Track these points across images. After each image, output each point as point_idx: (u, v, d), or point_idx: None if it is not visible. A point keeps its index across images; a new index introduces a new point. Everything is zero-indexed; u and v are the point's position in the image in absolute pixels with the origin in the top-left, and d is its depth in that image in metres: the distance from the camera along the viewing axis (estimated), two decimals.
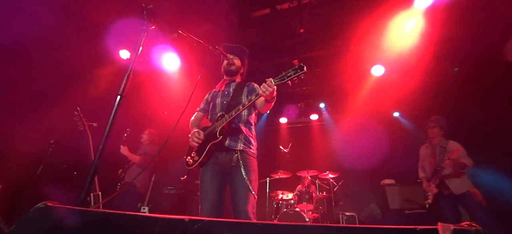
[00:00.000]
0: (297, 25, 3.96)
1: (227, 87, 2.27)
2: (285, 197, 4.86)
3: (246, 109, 2.08)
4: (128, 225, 0.76)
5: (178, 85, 5.20)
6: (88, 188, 1.34)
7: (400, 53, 4.14)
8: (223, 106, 2.12)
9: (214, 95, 2.29)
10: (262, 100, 1.92)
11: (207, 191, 1.88)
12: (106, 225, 0.78)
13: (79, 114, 2.83)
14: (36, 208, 0.90)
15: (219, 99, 2.19)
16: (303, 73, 1.63)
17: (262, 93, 1.72)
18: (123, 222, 0.77)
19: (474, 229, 0.59)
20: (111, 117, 1.45)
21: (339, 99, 6.20)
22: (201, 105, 2.38)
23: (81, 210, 0.86)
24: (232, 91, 2.20)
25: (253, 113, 2.22)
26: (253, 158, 2.01)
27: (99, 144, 1.42)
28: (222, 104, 2.14)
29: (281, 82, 1.69)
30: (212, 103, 2.25)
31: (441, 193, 3.28)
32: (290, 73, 1.66)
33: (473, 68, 4.72)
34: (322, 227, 0.64)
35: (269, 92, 1.69)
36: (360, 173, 6.03)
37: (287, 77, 1.67)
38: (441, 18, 3.68)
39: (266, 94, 1.70)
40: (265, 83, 1.71)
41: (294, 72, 1.65)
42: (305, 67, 1.64)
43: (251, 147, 2.05)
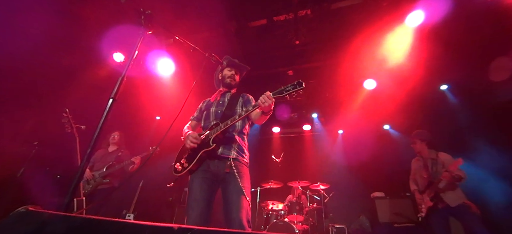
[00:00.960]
0: (293, 37, 4.03)
1: (222, 98, 2.29)
2: (275, 207, 4.79)
3: (241, 119, 2.08)
4: (114, 232, 0.73)
5: (172, 91, 5.16)
6: (72, 192, 1.29)
7: (391, 68, 4.27)
8: (217, 116, 2.12)
9: (208, 104, 2.31)
10: (259, 113, 1.94)
11: (195, 200, 1.84)
12: (91, 232, 0.75)
13: (67, 116, 2.75)
14: (17, 212, 0.86)
15: (214, 108, 2.20)
16: (301, 89, 1.69)
17: (261, 104, 1.74)
18: (109, 229, 0.74)
19: None
20: (101, 120, 1.42)
21: (332, 111, 6.29)
22: (195, 114, 2.38)
23: (65, 215, 0.82)
24: (227, 101, 2.22)
25: (247, 124, 2.24)
26: (246, 167, 2.01)
27: (87, 147, 1.37)
28: (217, 114, 2.14)
29: (279, 95, 1.74)
30: (205, 112, 2.26)
31: (435, 206, 3.23)
32: (289, 88, 1.72)
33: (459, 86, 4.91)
34: None
35: (267, 104, 1.73)
36: (351, 185, 6.07)
37: (285, 92, 1.73)
38: (430, 37, 3.84)
39: (264, 105, 1.73)
40: (264, 95, 1.74)
41: (293, 88, 1.71)
42: (303, 84, 1.70)
43: (243, 156, 2.05)
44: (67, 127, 2.73)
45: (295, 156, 6.87)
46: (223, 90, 2.35)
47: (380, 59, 4.22)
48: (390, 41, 3.90)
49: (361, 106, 5.55)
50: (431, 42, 3.89)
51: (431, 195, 3.28)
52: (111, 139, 3.99)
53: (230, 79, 2.31)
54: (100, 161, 3.73)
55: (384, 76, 4.58)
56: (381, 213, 5.18)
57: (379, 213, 5.17)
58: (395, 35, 3.82)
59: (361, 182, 6.01)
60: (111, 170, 3.60)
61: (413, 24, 3.66)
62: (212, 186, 1.91)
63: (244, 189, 1.82)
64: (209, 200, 1.87)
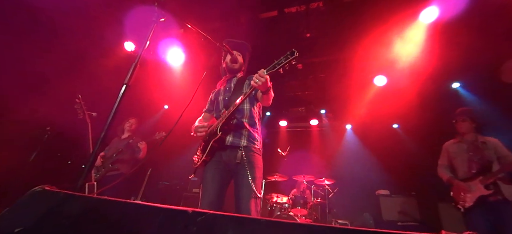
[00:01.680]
0: (304, 30, 3.97)
1: (228, 83, 2.23)
2: (279, 200, 4.83)
3: (248, 103, 2.07)
4: (129, 214, 0.75)
5: (181, 81, 5.18)
6: (85, 175, 1.32)
7: (403, 65, 4.17)
8: (225, 103, 2.08)
9: (216, 93, 2.26)
10: (260, 93, 1.89)
11: (206, 190, 1.84)
12: (106, 213, 0.76)
13: (80, 102, 2.80)
14: (33, 191, 0.88)
15: (221, 96, 2.16)
16: (294, 58, 1.62)
17: (254, 84, 1.69)
18: (124, 210, 0.76)
19: None
20: (115, 105, 1.44)
21: (340, 107, 6.22)
22: (206, 107, 2.36)
23: (80, 196, 0.84)
24: (233, 87, 2.17)
25: (256, 106, 2.16)
26: (257, 155, 1.95)
27: (101, 132, 1.40)
28: (224, 101, 2.11)
29: (272, 71, 1.67)
30: (215, 101, 2.23)
31: (486, 198, 2.60)
32: (281, 61, 1.65)
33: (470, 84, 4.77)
34: (328, 228, 0.63)
35: (261, 82, 1.66)
36: (356, 181, 6.04)
37: (278, 65, 1.65)
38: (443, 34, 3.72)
39: (258, 84, 1.68)
40: (257, 74, 1.68)
41: (285, 59, 1.64)
42: (296, 53, 1.63)
43: (255, 143, 1.98)
44: (79, 112, 2.78)
45: (301, 150, 6.85)
46: (229, 76, 2.29)
47: (392, 56, 4.11)
48: (403, 37, 3.79)
49: (370, 103, 5.46)
50: (444, 40, 3.77)
51: (487, 182, 2.63)
52: (127, 126, 3.98)
53: (233, 63, 2.24)
54: (112, 147, 3.76)
55: (395, 73, 4.48)
56: (385, 210, 5.16)
57: (383, 210, 5.16)
58: (408, 31, 3.71)
59: (366, 179, 5.98)
60: (120, 156, 3.62)
61: (427, 21, 3.55)
62: (225, 177, 1.90)
63: (255, 179, 1.79)
64: (220, 191, 1.86)
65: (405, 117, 5.51)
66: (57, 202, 0.80)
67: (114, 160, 3.60)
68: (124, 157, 3.67)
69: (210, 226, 0.68)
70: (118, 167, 3.60)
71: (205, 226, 0.67)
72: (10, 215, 0.76)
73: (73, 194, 0.84)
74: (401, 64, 4.19)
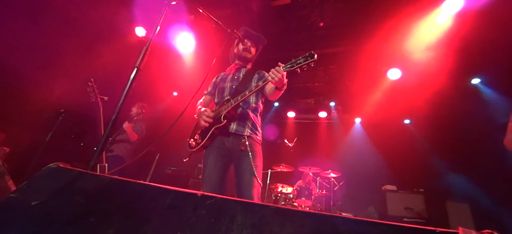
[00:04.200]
0: (317, 18, 3.85)
1: (237, 72, 2.23)
2: (284, 190, 4.86)
3: (254, 95, 2.07)
4: (140, 194, 0.76)
5: (191, 68, 5.19)
6: (98, 155, 1.35)
7: (420, 59, 4.00)
8: (231, 91, 2.08)
9: (223, 78, 2.25)
10: (272, 87, 1.86)
11: (209, 175, 1.87)
12: (118, 191, 0.78)
13: (92, 85, 2.86)
14: (48, 167, 0.91)
15: (229, 83, 2.15)
16: (313, 61, 1.56)
17: (271, 79, 1.66)
18: (135, 190, 0.77)
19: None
20: (126, 88, 1.45)
21: (350, 100, 6.10)
22: (208, 89, 2.33)
23: (94, 174, 0.86)
24: (241, 77, 2.16)
25: (261, 101, 2.18)
26: (259, 145, 2.00)
27: (113, 114, 1.42)
28: (231, 89, 2.10)
29: (290, 69, 1.63)
30: (219, 86, 2.21)
31: None
32: (300, 60, 1.60)
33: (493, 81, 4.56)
34: (338, 218, 0.62)
35: (278, 78, 1.63)
36: (362, 175, 6.00)
37: (296, 64, 1.60)
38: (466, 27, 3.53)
39: (275, 80, 1.65)
40: (274, 69, 1.65)
41: (304, 60, 1.58)
42: (315, 56, 1.57)
43: (257, 133, 2.03)
44: (91, 96, 2.84)
45: (308, 142, 6.82)
46: (238, 64, 2.27)
47: (408, 48, 3.95)
48: (422, 29, 3.62)
49: (382, 96, 5.32)
50: (466, 32, 3.58)
51: None
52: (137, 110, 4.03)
53: (245, 52, 2.21)
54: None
55: (411, 67, 4.31)
56: (391, 206, 5.11)
57: (389, 206, 5.11)
58: (427, 22, 3.53)
59: (373, 174, 5.92)
60: (117, 137, 3.73)
61: (450, 11, 3.36)
62: (226, 162, 1.93)
63: (256, 168, 1.83)
64: (223, 177, 1.90)
65: (418, 112, 5.37)
66: (71, 179, 0.82)
67: (111, 141, 3.71)
68: (120, 138, 3.76)
69: (218, 210, 0.68)
70: (112, 148, 3.69)
71: (214, 210, 0.68)
72: (27, 188, 0.79)
73: (86, 172, 0.86)
74: (418, 57, 4.03)
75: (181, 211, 0.69)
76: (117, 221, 0.69)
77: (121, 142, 3.78)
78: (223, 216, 0.66)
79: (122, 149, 3.77)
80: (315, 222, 0.64)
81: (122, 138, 3.79)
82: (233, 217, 0.66)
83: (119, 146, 3.76)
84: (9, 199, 0.76)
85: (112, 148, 3.69)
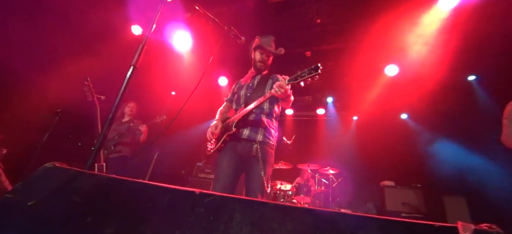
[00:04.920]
0: (314, 15, 3.83)
1: (252, 80, 2.31)
2: (283, 187, 4.87)
3: (268, 102, 2.14)
4: (138, 193, 0.76)
5: (188, 67, 5.15)
6: (95, 155, 1.34)
7: (417, 55, 4.01)
8: (246, 99, 2.17)
9: (239, 86, 2.34)
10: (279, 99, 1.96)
11: (222, 172, 1.95)
12: (116, 191, 0.77)
13: (88, 85, 2.84)
14: (44, 167, 0.90)
15: (243, 91, 2.24)
16: (317, 74, 1.65)
17: (274, 93, 1.76)
18: (133, 189, 0.77)
19: (495, 231, 0.57)
20: (122, 87, 1.44)
21: (348, 96, 6.12)
22: (229, 96, 2.45)
23: (91, 173, 0.85)
24: (256, 84, 2.25)
25: (276, 106, 2.24)
26: (271, 150, 2.06)
27: (109, 113, 1.41)
28: (246, 96, 2.19)
29: (294, 82, 1.73)
30: (236, 95, 2.31)
31: None
32: (304, 74, 1.69)
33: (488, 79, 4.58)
34: (338, 213, 0.62)
35: (280, 93, 1.74)
36: (361, 172, 6.03)
37: (300, 78, 1.70)
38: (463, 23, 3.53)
39: (278, 94, 1.75)
40: (278, 83, 1.75)
41: (308, 73, 1.67)
42: (320, 69, 1.65)
43: (270, 138, 2.09)
44: (88, 95, 2.82)
45: (306, 139, 6.83)
46: (254, 72, 2.35)
47: (405, 44, 3.95)
48: (418, 25, 3.63)
49: (380, 92, 5.34)
50: (463, 28, 3.59)
51: None
52: (127, 110, 4.05)
53: (260, 64, 2.29)
54: (114, 131, 3.82)
55: (408, 63, 4.32)
56: (389, 201, 5.15)
57: (387, 201, 5.15)
58: (424, 19, 3.54)
59: (371, 170, 5.96)
60: (122, 139, 3.70)
61: (446, 7, 3.37)
62: (238, 165, 2.00)
63: (264, 175, 1.90)
64: (235, 178, 1.97)
65: (415, 108, 5.40)
66: (68, 179, 0.81)
67: (116, 142, 3.69)
68: (126, 140, 3.76)
69: (217, 208, 0.68)
70: (120, 149, 3.69)
71: (212, 207, 0.68)
72: (23, 188, 0.78)
73: (83, 171, 0.85)
74: (415, 54, 4.04)
75: (180, 210, 0.69)
76: (115, 220, 0.68)
77: (128, 143, 3.79)
78: (221, 214, 0.66)
79: (128, 149, 3.79)
80: (315, 218, 0.64)
81: (129, 140, 3.79)
82: (231, 215, 0.65)
83: (126, 147, 3.77)
84: (4, 200, 0.75)
85: (119, 148, 3.70)
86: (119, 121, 4.01)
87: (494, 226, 0.59)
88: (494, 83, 4.59)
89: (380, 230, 0.59)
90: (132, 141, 3.82)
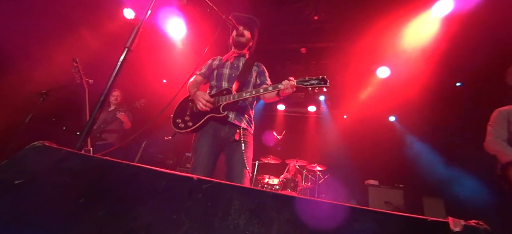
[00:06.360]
0: (312, 12, 3.84)
1: (236, 60, 2.20)
2: (270, 181, 4.93)
3: (251, 90, 2.03)
4: (133, 176, 0.74)
5: (181, 55, 5.05)
6: (85, 138, 1.29)
7: (408, 58, 4.11)
8: (231, 79, 2.07)
9: (220, 64, 2.20)
10: (273, 94, 1.91)
11: (201, 162, 1.84)
12: (109, 173, 0.75)
13: (77, 66, 2.72)
14: (32, 146, 0.85)
15: (227, 70, 2.12)
16: (324, 86, 1.69)
17: (283, 88, 1.75)
18: (127, 172, 0.74)
19: (482, 227, 0.60)
20: (116, 69, 1.39)
21: (340, 95, 6.21)
22: (202, 70, 2.26)
23: (83, 155, 0.82)
24: (241, 66, 2.15)
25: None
26: (252, 137, 2.04)
27: (100, 95, 1.36)
28: (230, 76, 2.08)
29: (302, 85, 1.74)
30: (217, 71, 2.16)
31: None
32: (313, 81, 1.71)
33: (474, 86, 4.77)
34: (337, 205, 0.63)
35: (288, 91, 1.76)
36: (347, 170, 6.17)
37: (309, 84, 1.73)
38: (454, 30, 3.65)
39: (285, 92, 1.76)
40: (288, 82, 1.74)
41: (317, 82, 1.70)
42: (328, 82, 1.70)
43: (251, 126, 2.08)
44: (76, 77, 2.71)
45: (296, 135, 6.91)
46: (236, 52, 2.24)
47: (398, 48, 4.04)
48: (412, 29, 3.71)
49: (371, 93, 5.46)
50: (454, 35, 3.70)
51: None
52: (113, 99, 4.04)
53: (239, 37, 2.19)
54: (100, 119, 3.79)
55: (399, 66, 4.43)
56: (372, 200, 5.30)
57: (371, 200, 5.30)
58: (418, 23, 3.63)
59: (357, 169, 6.10)
60: (107, 126, 3.72)
61: (439, 14, 3.46)
62: (217, 150, 1.93)
63: (247, 159, 1.87)
64: (214, 164, 1.90)
65: (403, 111, 5.56)
66: (58, 158, 0.78)
67: (101, 130, 3.69)
68: (111, 128, 3.77)
69: (215, 194, 0.67)
70: (105, 137, 3.70)
71: (210, 194, 0.67)
72: (8, 166, 0.74)
73: (74, 152, 0.82)
74: (407, 57, 4.14)
75: (177, 195, 0.68)
76: (108, 202, 0.66)
77: (114, 130, 3.78)
78: (220, 201, 0.65)
79: (114, 137, 3.79)
80: (312, 208, 0.64)
81: (114, 127, 3.79)
82: (230, 201, 0.65)
83: (112, 134, 3.77)
84: None
85: (104, 136, 3.69)
86: (105, 110, 3.97)
87: (481, 222, 0.62)
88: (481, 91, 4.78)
89: (377, 222, 0.61)
90: (118, 128, 3.83)
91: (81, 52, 4.16)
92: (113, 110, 3.95)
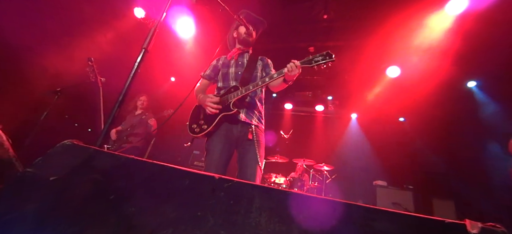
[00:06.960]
0: (321, 10, 3.82)
1: (240, 57, 2.19)
2: (277, 180, 4.94)
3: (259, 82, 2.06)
4: (158, 173, 0.78)
5: (190, 54, 5.10)
6: (105, 135, 1.34)
7: (420, 58, 4.05)
8: (237, 76, 2.06)
9: (225, 63, 2.20)
10: (280, 80, 1.86)
11: (215, 161, 1.85)
12: (135, 171, 0.79)
13: (92, 65, 2.80)
14: (63, 144, 0.91)
15: (233, 69, 2.11)
16: (332, 61, 1.62)
17: (288, 72, 1.69)
18: (152, 170, 0.78)
19: (500, 230, 0.61)
20: (133, 70, 1.43)
21: (348, 95, 6.16)
22: (207, 71, 2.25)
23: (110, 153, 0.87)
24: (246, 62, 2.13)
25: (264, 89, 2.19)
26: (263, 134, 2.02)
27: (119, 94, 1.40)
28: (237, 74, 2.07)
29: (308, 65, 1.67)
30: (222, 71, 2.16)
31: None
32: (318, 58, 1.64)
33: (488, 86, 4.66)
34: (352, 204, 0.66)
35: (294, 73, 1.69)
36: (355, 170, 6.14)
37: (314, 62, 1.65)
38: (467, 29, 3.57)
39: (291, 74, 1.69)
40: (292, 63, 1.68)
41: (322, 58, 1.63)
42: (334, 56, 1.62)
43: (262, 123, 2.06)
44: (91, 75, 2.79)
45: (304, 134, 6.90)
46: (240, 49, 2.21)
47: (409, 47, 3.98)
48: (424, 28, 3.64)
49: (380, 93, 5.40)
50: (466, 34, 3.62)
51: None
52: (139, 103, 4.19)
53: (246, 35, 2.16)
54: (127, 123, 3.99)
55: (410, 65, 4.36)
56: (380, 201, 5.26)
57: (379, 200, 5.26)
58: (430, 22, 3.56)
59: (365, 169, 6.07)
60: (134, 130, 3.85)
61: (453, 12, 3.38)
62: (231, 149, 1.93)
63: (260, 158, 1.87)
64: (227, 164, 1.91)
65: (413, 111, 5.47)
66: (88, 157, 0.83)
67: (128, 134, 3.83)
68: (137, 131, 3.91)
69: (236, 193, 0.70)
70: (131, 140, 3.84)
71: (232, 192, 0.70)
72: (43, 164, 0.80)
73: (102, 150, 0.87)
74: (418, 57, 4.08)
75: (200, 192, 0.71)
76: (137, 199, 0.70)
77: (139, 134, 3.94)
78: (241, 199, 0.69)
79: (140, 140, 3.94)
80: (330, 207, 0.67)
81: (140, 131, 3.94)
82: (251, 200, 0.68)
83: (138, 137, 3.93)
84: (25, 174, 0.76)
85: (131, 139, 3.84)
86: (132, 114, 4.16)
87: (498, 225, 0.63)
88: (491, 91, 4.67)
89: (393, 222, 0.63)
90: (143, 132, 3.97)
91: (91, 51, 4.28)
92: (140, 114, 4.10)
